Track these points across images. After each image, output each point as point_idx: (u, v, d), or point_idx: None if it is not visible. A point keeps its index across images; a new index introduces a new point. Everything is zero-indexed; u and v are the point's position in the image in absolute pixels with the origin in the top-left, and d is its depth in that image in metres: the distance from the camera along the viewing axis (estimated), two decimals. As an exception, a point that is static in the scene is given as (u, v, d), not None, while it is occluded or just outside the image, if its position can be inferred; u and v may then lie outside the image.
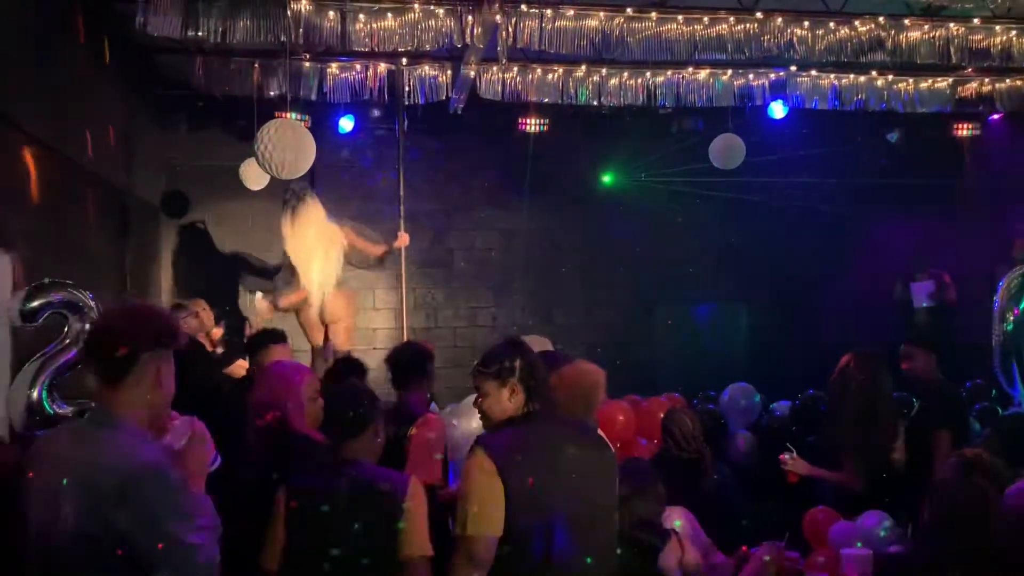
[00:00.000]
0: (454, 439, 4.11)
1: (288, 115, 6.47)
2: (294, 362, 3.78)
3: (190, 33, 5.57)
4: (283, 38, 5.69)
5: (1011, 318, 6.03)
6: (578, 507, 2.58)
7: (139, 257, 7.03)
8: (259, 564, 2.69)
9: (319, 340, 6.57)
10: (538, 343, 4.09)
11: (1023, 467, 3.19)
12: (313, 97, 7.10)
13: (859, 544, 3.59)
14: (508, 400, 2.64)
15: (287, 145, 5.34)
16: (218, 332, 6.33)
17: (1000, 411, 6.33)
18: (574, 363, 3.56)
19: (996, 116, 8.52)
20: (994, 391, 6.60)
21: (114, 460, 1.99)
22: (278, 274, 6.70)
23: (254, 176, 7.02)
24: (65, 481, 1.97)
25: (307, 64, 6.99)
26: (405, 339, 8.19)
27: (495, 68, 7.00)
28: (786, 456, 4.36)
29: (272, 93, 7.05)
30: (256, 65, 6.98)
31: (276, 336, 4.52)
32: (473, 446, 2.57)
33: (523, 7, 5.87)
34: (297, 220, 6.30)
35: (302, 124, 5.70)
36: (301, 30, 5.76)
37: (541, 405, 2.67)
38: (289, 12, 5.61)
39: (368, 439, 2.82)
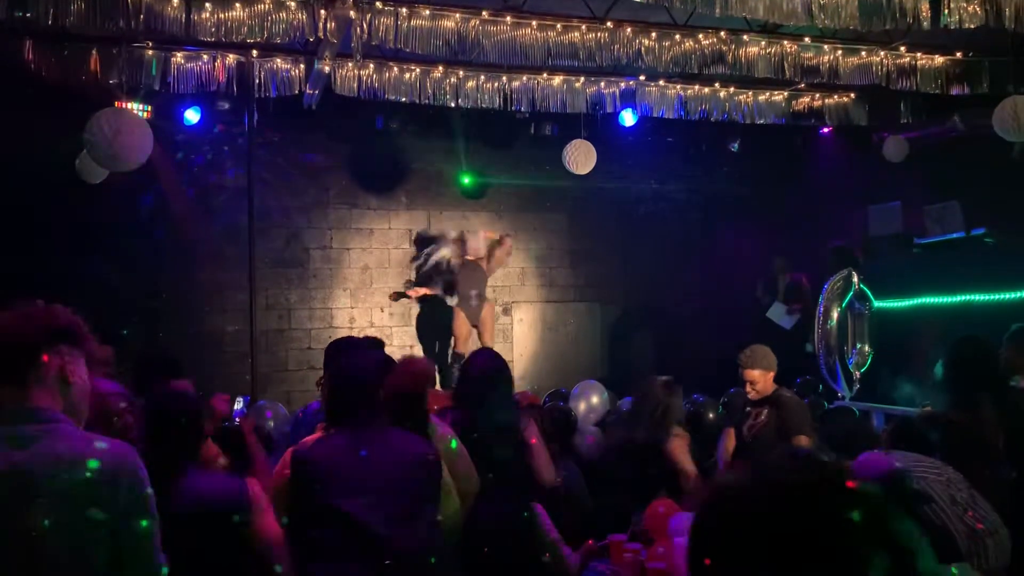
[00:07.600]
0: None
1: (126, 105, 6.14)
2: None
3: (17, 13, 5.18)
4: (121, 23, 5.39)
5: (835, 316, 6.51)
6: None
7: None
8: None
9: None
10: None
11: (846, 453, 3.49)
12: (156, 87, 6.74)
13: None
14: None
15: (120, 136, 5.04)
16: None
17: (826, 405, 6.81)
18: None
19: (826, 129, 9.14)
20: (820, 386, 7.09)
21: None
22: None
23: (92, 169, 6.61)
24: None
25: (149, 52, 6.64)
26: (253, 341, 7.92)
27: (351, 64, 6.86)
28: None
29: (112, 81, 6.64)
30: (94, 51, 6.56)
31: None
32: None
33: (378, 4, 5.79)
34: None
35: (137, 113, 5.39)
36: (142, 16, 5.46)
37: None
38: (128, -3, 5.32)
39: None
